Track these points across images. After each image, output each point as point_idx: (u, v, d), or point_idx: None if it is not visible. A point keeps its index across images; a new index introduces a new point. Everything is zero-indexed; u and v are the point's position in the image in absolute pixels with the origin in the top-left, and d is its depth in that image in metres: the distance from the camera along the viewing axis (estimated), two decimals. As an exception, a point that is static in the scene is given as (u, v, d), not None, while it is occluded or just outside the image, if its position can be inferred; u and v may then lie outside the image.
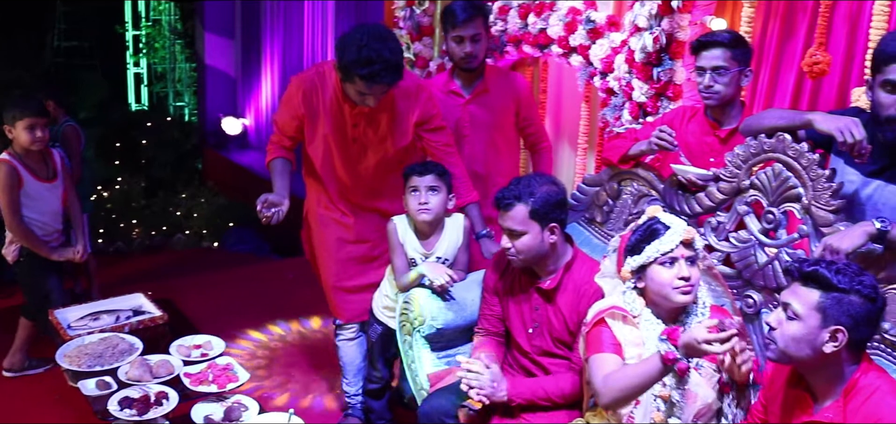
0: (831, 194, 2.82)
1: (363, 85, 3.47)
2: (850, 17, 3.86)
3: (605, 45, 4.47)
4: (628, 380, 2.59)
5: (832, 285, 2.24)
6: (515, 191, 3.10)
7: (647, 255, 2.75)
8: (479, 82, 4.28)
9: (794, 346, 2.30)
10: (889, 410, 2.23)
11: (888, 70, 2.71)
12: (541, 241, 3.08)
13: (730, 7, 4.26)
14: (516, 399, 3.06)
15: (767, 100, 4.19)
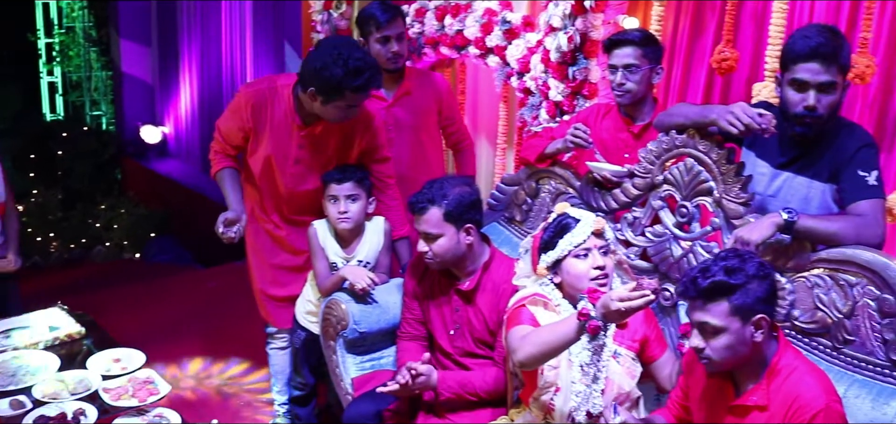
0: (741, 187, 2.90)
1: (355, 96, 3.44)
2: (755, 16, 3.98)
3: (521, 46, 4.52)
4: (544, 335, 2.59)
5: (733, 286, 2.31)
6: (429, 195, 3.12)
7: (561, 249, 2.79)
8: (401, 85, 4.27)
9: (731, 354, 2.36)
10: (807, 388, 2.33)
11: (796, 69, 2.79)
12: (457, 243, 3.11)
13: (642, 6, 4.34)
14: (444, 392, 3.08)
15: (680, 96, 4.29)
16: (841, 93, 2.79)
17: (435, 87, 4.36)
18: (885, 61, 3.65)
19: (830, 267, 2.73)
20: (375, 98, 4.20)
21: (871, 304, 2.65)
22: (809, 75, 2.75)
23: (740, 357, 2.37)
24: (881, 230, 2.73)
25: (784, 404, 2.34)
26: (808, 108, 2.76)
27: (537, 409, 2.81)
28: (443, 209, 3.09)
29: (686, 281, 2.37)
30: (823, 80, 2.74)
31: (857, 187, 2.74)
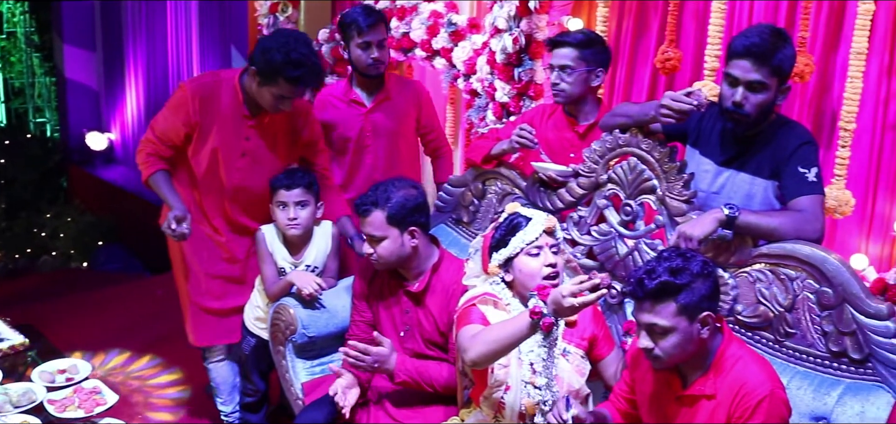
0: (683, 185, 2.94)
1: (289, 87, 3.47)
2: (697, 16, 4.04)
3: (467, 48, 4.54)
4: (495, 333, 2.60)
5: (678, 286, 2.34)
6: (373, 197, 3.13)
7: (514, 247, 2.81)
8: (381, 90, 4.22)
9: (680, 351, 2.39)
10: (753, 375, 2.38)
11: (730, 64, 2.85)
12: (401, 245, 3.12)
13: (586, 7, 4.39)
14: (400, 375, 3.09)
15: (625, 96, 4.34)
16: (773, 95, 2.83)
17: (415, 94, 4.32)
18: (822, 60, 3.73)
19: (771, 261, 2.79)
20: (354, 103, 4.20)
21: (810, 297, 2.71)
22: (740, 72, 2.81)
23: (688, 354, 2.41)
24: (820, 225, 2.78)
25: (730, 392, 2.39)
26: (736, 104, 2.82)
27: (488, 407, 2.83)
28: (386, 212, 3.10)
29: (632, 283, 2.39)
30: (752, 79, 2.79)
31: (797, 183, 2.79)
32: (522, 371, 2.77)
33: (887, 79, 3.60)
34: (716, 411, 2.41)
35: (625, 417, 2.75)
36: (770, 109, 2.87)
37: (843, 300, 2.63)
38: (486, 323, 2.74)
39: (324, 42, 5.12)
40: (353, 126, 4.21)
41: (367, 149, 4.23)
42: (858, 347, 2.61)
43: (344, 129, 4.24)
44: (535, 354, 2.75)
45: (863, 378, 2.63)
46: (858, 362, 2.63)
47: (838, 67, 3.69)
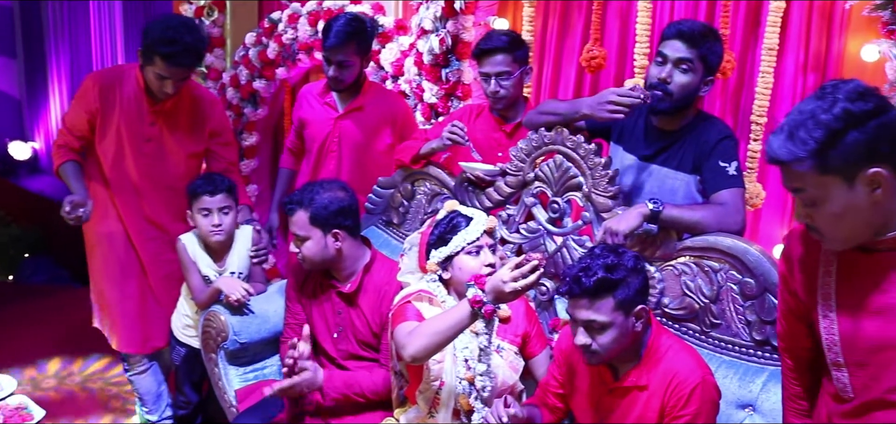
0: (608, 181, 2.98)
1: (163, 65, 3.50)
2: (621, 14, 4.09)
3: (394, 49, 4.53)
4: (435, 326, 2.59)
5: (615, 282, 2.37)
6: (298, 198, 3.15)
7: (454, 245, 2.83)
8: (355, 99, 4.14)
9: (617, 346, 2.43)
10: (684, 364, 2.44)
11: (662, 45, 2.95)
12: (324, 247, 3.12)
13: (511, 7, 4.42)
14: (330, 392, 3.07)
15: (552, 94, 4.38)
16: (697, 81, 2.91)
17: (391, 108, 4.21)
18: (741, 57, 3.81)
19: (695, 254, 2.84)
20: (327, 106, 4.18)
21: (734, 288, 2.76)
22: (670, 51, 2.90)
23: (623, 348, 2.44)
24: (741, 217, 2.84)
25: (663, 383, 2.44)
26: (661, 79, 2.89)
27: (423, 403, 2.83)
28: (309, 212, 3.11)
29: (569, 281, 2.41)
30: (681, 56, 2.88)
31: (718, 177, 2.85)
32: (457, 367, 2.78)
33: (803, 76, 3.69)
34: (649, 401, 2.46)
35: (554, 413, 2.77)
36: (692, 97, 2.94)
37: (765, 289, 2.69)
38: (421, 320, 2.74)
39: (251, 45, 5.07)
40: (322, 128, 4.18)
41: (331, 154, 4.18)
42: (780, 335, 2.67)
43: (313, 130, 4.22)
44: (470, 350, 2.77)
45: (785, 365, 2.69)
46: (781, 350, 2.69)
47: (757, 64, 3.76)
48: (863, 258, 1.90)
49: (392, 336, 2.80)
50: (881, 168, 1.75)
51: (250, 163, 5.28)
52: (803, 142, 1.76)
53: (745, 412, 2.71)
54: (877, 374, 1.92)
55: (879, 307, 1.87)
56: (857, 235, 1.87)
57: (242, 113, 5.20)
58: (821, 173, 1.78)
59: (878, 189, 1.77)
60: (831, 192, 1.80)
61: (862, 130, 1.73)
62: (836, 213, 1.82)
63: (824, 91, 1.80)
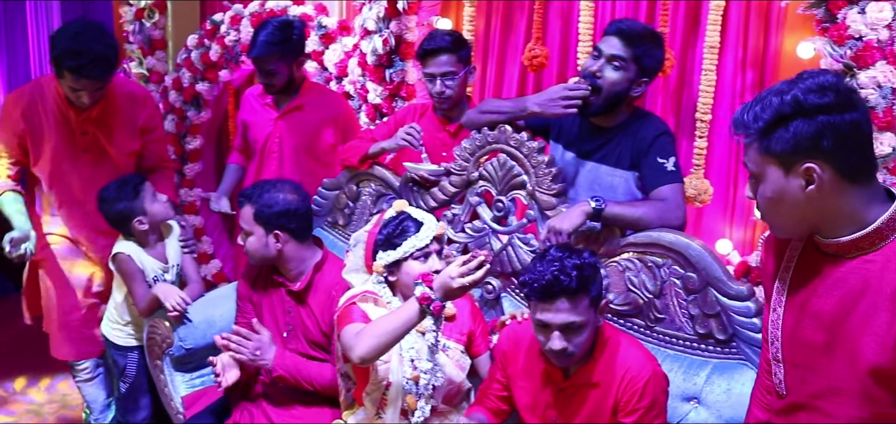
0: (552, 179, 3.00)
1: (72, 78, 3.41)
2: (562, 14, 4.12)
3: (338, 50, 4.52)
4: (383, 326, 2.57)
5: (589, 279, 2.38)
6: (249, 192, 3.17)
7: (403, 251, 2.80)
8: (294, 99, 4.16)
9: (586, 344, 2.44)
10: (635, 359, 2.46)
11: (601, 41, 2.99)
12: (265, 245, 3.12)
13: (454, 7, 4.42)
14: (279, 370, 3.07)
15: (495, 93, 4.39)
16: (628, 81, 2.93)
17: (332, 108, 4.23)
18: (682, 55, 3.86)
19: (638, 250, 2.87)
20: (266, 107, 4.17)
21: (677, 283, 2.80)
22: (606, 46, 2.94)
23: (588, 348, 2.46)
24: (682, 212, 2.88)
25: (616, 378, 2.46)
26: (593, 73, 2.93)
27: (371, 404, 2.82)
28: (254, 208, 3.11)
29: (546, 283, 2.36)
30: (615, 53, 2.91)
31: (657, 173, 2.88)
32: (404, 368, 2.77)
33: (742, 73, 3.75)
34: (603, 398, 2.47)
35: (498, 415, 2.76)
36: (621, 96, 2.96)
37: (707, 283, 2.72)
38: (367, 321, 2.72)
39: (192, 48, 5.02)
40: (263, 130, 4.18)
41: (272, 155, 4.19)
42: (723, 328, 2.71)
43: (255, 132, 4.23)
44: (416, 349, 2.76)
45: (728, 357, 2.73)
46: (724, 342, 2.73)
47: (697, 62, 3.82)
48: (819, 258, 1.88)
49: (338, 338, 2.77)
50: (817, 164, 1.73)
51: (194, 167, 5.22)
52: (754, 119, 1.77)
53: (690, 405, 2.75)
54: (805, 376, 1.93)
55: (816, 310, 1.87)
56: (792, 227, 1.88)
57: (185, 116, 5.13)
58: (762, 153, 1.79)
59: (812, 186, 1.75)
60: (768, 175, 1.80)
61: (808, 122, 1.71)
62: (770, 198, 1.83)
63: (796, 77, 1.80)
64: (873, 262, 1.78)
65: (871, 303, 1.77)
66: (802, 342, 1.91)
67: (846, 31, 3.04)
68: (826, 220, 1.81)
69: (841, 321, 1.82)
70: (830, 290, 1.84)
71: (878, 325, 1.75)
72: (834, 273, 1.84)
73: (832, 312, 1.84)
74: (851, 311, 1.80)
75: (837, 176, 1.74)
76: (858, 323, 1.79)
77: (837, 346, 1.84)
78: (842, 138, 1.71)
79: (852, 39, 3.04)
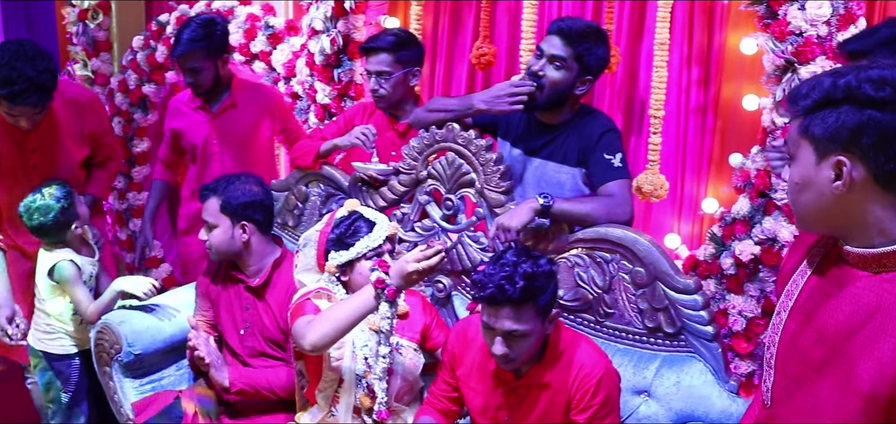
0: (500, 176, 3.01)
1: (7, 105, 3.33)
2: (509, 12, 4.13)
3: (286, 50, 4.49)
4: (337, 312, 2.58)
5: (538, 289, 2.34)
6: (214, 186, 3.18)
7: (356, 251, 2.80)
8: (226, 98, 4.12)
9: (532, 351, 2.43)
10: (587, 357, 2.46)
11: (543, 40, 3.00)
12: (231, 237, 3.13)
13: (402, 6, 4.41)
14: (238, 384, 3.06)
15: (444, 91, 4.39)
16: (571, 80, 2.95)
17: (265, 100, 4.20)
18: (628, 52, 3.89)
19: (587, 246, 2.89)
20: (199, 110, 4.12)
21: (625, 278, 2.83)
22: (547, 46, 2.95)
23: (535, 351, 2.45)
24: (629, 207, 2.91)
25: (568, 378, 2.46)
26: (535, 73, 2.95)
27: (323, 401, 2.81)
28: (220, 200, 3.12)
29: (492, 289, 2.32)
30: (555, 53, 2.93)
31: (604, 170, 2.91)
32: (356, 365, 2.78)
33: (687, 69, 3.79)
34: (555, 397, 2.47)
35: (448, 416, 2.75)
36: (564, 94, 2.98)
37: (655, 278, 2.76)
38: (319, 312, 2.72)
39: (138, 49, 4.95)
40: (199, 133, 4.14)
41: (213, 157, 4.15)
42: (671, 321, 2.75)
43: (191, 136, 4.17)
44: (370, 347, 2.76)
45: (677, 350, 2.77)
46: (672, 335, 2.77)
47: (643, 58, 3.86)
48: (840, 267, 1.73)
49: (292, 330, 2.77)
50: (849, 160, 1.58)
51: (142, 170, 5.15)
52: (805, 95, 1.64)
53: (640, 398, 2.78)
54: (792, 391, 1.80)
55: (822, 322, 1.72)
56: (814, 221, 1.73)
57: (132, 118, 5.06)
58: (801, 132, 1.65)
59: (839, 181, 1.59)
60: (801, 157, 1.67)
61: (854, 112, 1.56)
62: (796, 183, 1.69)
63: (866, 62, 1.67)
64: (894, 282, 1.62)
65: (880, 326, 1.60)
66: (799, 352, 1.78)
67: (787, 27, 3.10)
68: (852, 224, 1.65)
69: (844, 339, 1.67)
70: (842, 304, 1.69)
71: (883, 351, 1.59)
72: (850, 286, 1.69)
73: (837, 328, 1.68)
74: (858, 331, 1.64)
75: (871, 178, 1.58)
76: (862, 344, 1.63)
77: (833, 367, 1.69)
78: (885, 139, 1.55)
79: (793, 35, 3.10)
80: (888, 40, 2.36)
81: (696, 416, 2.68)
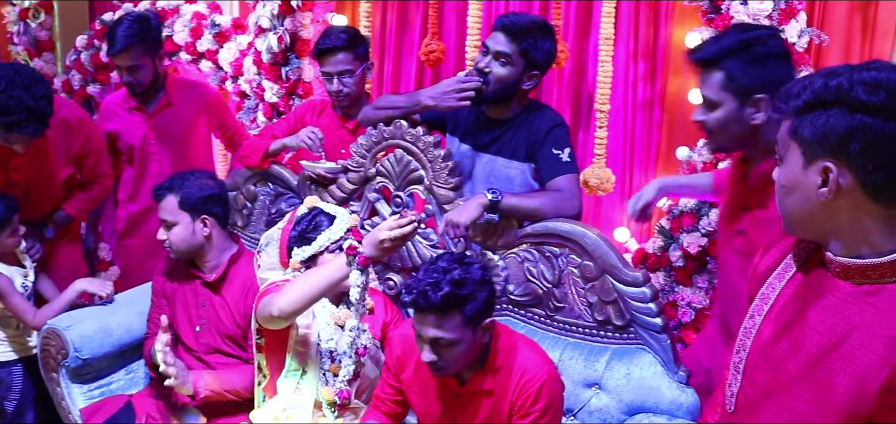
0: (449, 172, 3.01)
1: (2, 133, 3.25)
2: (457, 9, 4.14)
3: (233, 49, 4.46)
4: (308, 279, 2.59)
5: (464, 297, 2.27)
6: (169, 183, 3.15)
7: (318, 245, 2.81)
8: (161, 97, 4.06)
9: (464, 360, 2.38)
10: (530, 362, 2.43)
11: (489, 37, 3.00)
12: (192, 232, 3.12)
13: (349, 4, 4.40)
14: (203, 391, 3.01)
15: (393, 89, 4.39)
16: (517, 75, 2.95)
17: (200, 97, 4.17)
18: (575, 48, 3.92)
19: (536, 241, 2.91)
20: (134, 110, 4.06)
21: (574, 272, 2.84)
22: (492, 43, 2.96)
23: (470, 360, 2.41)
24: (577, 202, 2.92)
25: (511, 384, 2.42)
26: (480, 69, 2.95)
27: (286, 391, 2.79)
28: (179, 196, 3.10)
29: (415, 295, 2.28)
30: (499, 49, 2.93)
31: (552, 164, 2.92)
32: (322, 359, 2.78)
33: (634, 64, 3.83)
34: (498, 404, 2.44)
35: (393, 419, 2.72)
36: (511, 90, 2.98)
37: (603, 271, 2.77)
38: None
39: (82, 49, 4.88)
40: (136, 134, 4.08)
41: (151, 157, 4.10)
42: (620, 314, 2.77)
43: (127, 138, 4.11)
44: (335, 341, 2.77)
45: (627, 342, 2.80)
46: (621, 328, 2.79)
47: (590, 53, 3.90)
48: (822, 276, 1.67)
49: (256, 312, 2.74)
50: (836, 166, 1.52)
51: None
52: (796, 95, 1.57)
53: (591, 390, 2.80)
54: (759, 401, 1.72)
55: (800, 333, 1.66)
56: (799, 225, 1.66)
57: (77, 119, 4.99)
58: (790, 133, 1.59)
59: (825, 188, 1.53)
60: (789, 159, 1.60)
61: (844, 116, 1.49)
62: (784, 184, 1.63)
63: (863, 63, 1.57)
64: (877, 296, 1.56)
65: (861, 341, 1.54)
66: (772, 361, 1.70)
67: (730, 21, 3.13)
68: (837, 233, 1.59)
69: (824, 352, 1.60)
70: (822, 315, 1.63)
71: (864, 367, 1.53)
72: (831, 297, 1.62)
73: (816, 340, 1.62)
74: (838, 345, 1.58)
75: (859, 187, 1.52)
76: (842, 359, 1.56)
77: (809, 380, 1.62)
78: (875, 147, 1.48)
79: (736, 29, 3.13)
80: (737, 47, 2.36)
81: (646, 407, 2.70)
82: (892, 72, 1.50)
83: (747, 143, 2.44)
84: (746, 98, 2.35)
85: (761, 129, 2.36)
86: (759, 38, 2.37)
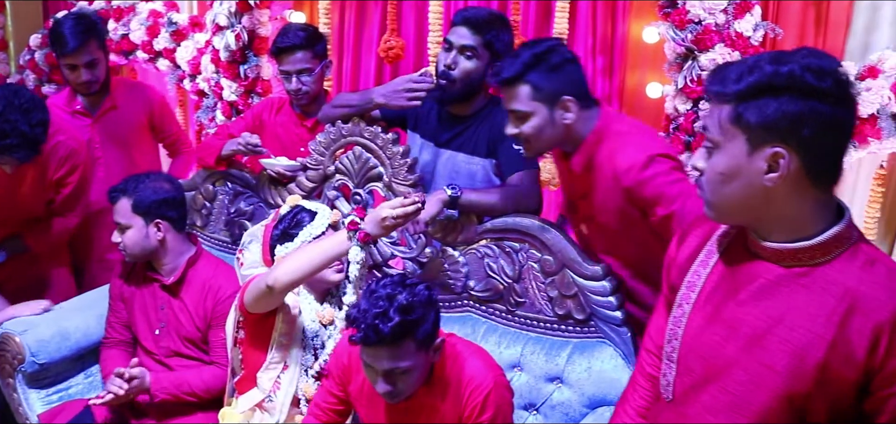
0: (408, 169, 3.01)
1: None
2: (416, 4, 4.14)
3: (190, 47, 4.42)
4: (307, 251, 2.60)
5: (415, 323, 2.21)
6: (123, 186, 3.12)
7: (301, 240, 2.81)
8: (106, 99, 4.00)
9: (418, 382, 2.34)
10: (476, 370, 2.40)
11: (450, 32, 3.01)
12: (145, 236, 3.08)
13: (307, 1, 4.39)
14: (159, 394, 3.01)
15: (352, 85, 4.39)
16: (482, 67, 2.94)
17: (145, 98, 4.12)
18: (535, 42, 3.92)
19: (496, 236, 2.91)
20: (78, 114, 3.99)
21: (534, 266, 2.85)
22: (455, 37, 2.96)
23: (422, 380, 2.37)
24: (537, 197, 2.94)
25: (456, 394, 2.40)
26: (447, 66, 2.95)
27: (266, 383, 2.77)
28: (132, 199, 3.07)
29: (365, 330, 2.18)
30: (465, 43, 2.93)
31: (512, 160, 2.92)
32: (305, 355, 2.78)
33: (592, 59, 3.85)
34: (446, 415, 2.42)
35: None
36: (477, 83, 2.98)
37: (563, 265, 2.78)
38: None
39: (36, 48, 4.82)
40: (80, 138, 3.92)
41: (97, 162, 4.02)
42: (581, 308, 2.78)
43: None
44: (321, 338, 2.78)
45: (588, 336, 2.80)
46: (582, 322, 2.80)
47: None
48: (745, 261, 1.69)
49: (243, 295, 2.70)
50: (786, 151, 1.53)
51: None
52: (737, 79, 1.56)
53: (553, 385, 2.81)
54: (698, 388, 1.74)
55: (733, 318, 1.68)
56: (734, 213, 1.67)
57: (31, 120, 4.92)
58: (732, 120, 1.57)
59: (774, 173, 1.54)
60: (729, 147, 1.59)
61: (796, 102, 1.51)
62: (722, 173, 1.62)
63: (796, 49, 1.58)
64: (809, 277, 1.60)
65: (796, 322, 1.59)
66: (705, 348, 1.73)
67: (686, 15, 3.16)
68: (773, 218, 1.62)
69: (760, 335, 1.64)
70: (755, 299, 1.66)
71: (802, 345, 1.58)
72: (762, 280, 1.65)
73: (751, 323, 1.65)
74: (773, 327, 1.62)
75: (803, 172, 1.55)
76: (779, 340, 1.61)
77: (747, 361, 1.65)
78: (824, 133, 1.52)
79: (692, 23, 3.17)
80: (534, 60, 2.51)
81: (608, 400, 2.71)
82: (829, 59, 1.54)
83: (562, 141, 2.62)
84: (555, 102, 2.53)
85: (572, 126, 2.56)
86: (551, 48, 2.56)
